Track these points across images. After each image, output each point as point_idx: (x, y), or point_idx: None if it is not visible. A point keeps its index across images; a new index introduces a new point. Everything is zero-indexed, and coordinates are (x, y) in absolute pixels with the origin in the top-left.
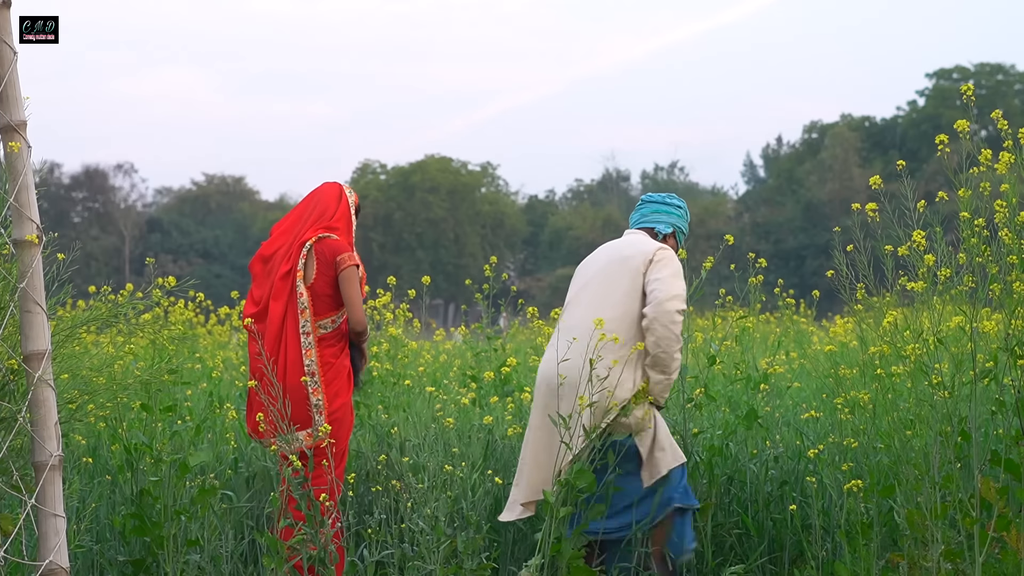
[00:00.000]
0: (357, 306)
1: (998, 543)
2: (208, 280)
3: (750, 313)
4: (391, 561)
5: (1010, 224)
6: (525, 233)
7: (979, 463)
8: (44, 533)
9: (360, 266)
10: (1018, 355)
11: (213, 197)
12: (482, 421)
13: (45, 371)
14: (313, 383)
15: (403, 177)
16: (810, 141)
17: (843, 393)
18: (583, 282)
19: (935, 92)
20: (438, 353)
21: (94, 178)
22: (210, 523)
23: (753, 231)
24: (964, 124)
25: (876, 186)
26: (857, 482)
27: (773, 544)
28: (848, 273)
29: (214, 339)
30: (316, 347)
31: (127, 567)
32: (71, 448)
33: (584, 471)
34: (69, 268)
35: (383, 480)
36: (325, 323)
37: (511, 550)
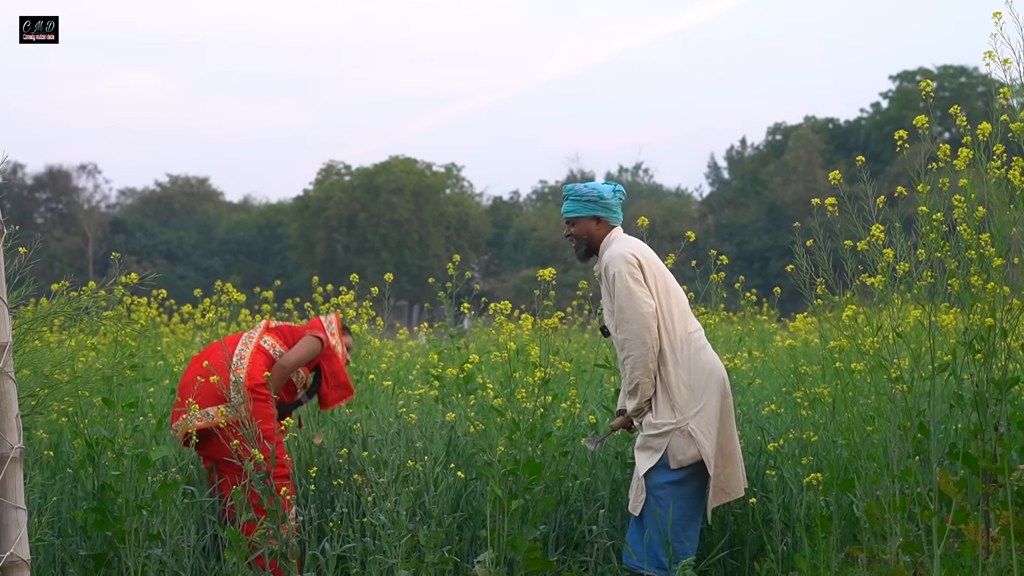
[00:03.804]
0: (296, 353)
1: (956, 536)
2: (172, 281)
3: (712, 311)
4: (353, 555)
5: (968, 220)
6: (489, 234)
7: (937, 457)
8: (5, 525)
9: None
10: (976, 350)
11: (177, 198)
12: (444, 418)
13: (6, 363)
14: (238, 363)
15: (367, 178)
16: (774, 143)
17: (803, 388)
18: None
19: (898, 94)
20: (401, 352)
21: (57, 179)
22: (172, 517)
23: (717, 232)
24: (923, 119)
25: (836, 181)
26: (817, 475)
27: (734, 538)
28: (808, 268)
29: (177, 338)
30: (253, 348)
31: (88, 561)
32: (32, 443)
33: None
34: (31, 263)
35: (345, 475)
36: (269, 340)
37: (473, 544)
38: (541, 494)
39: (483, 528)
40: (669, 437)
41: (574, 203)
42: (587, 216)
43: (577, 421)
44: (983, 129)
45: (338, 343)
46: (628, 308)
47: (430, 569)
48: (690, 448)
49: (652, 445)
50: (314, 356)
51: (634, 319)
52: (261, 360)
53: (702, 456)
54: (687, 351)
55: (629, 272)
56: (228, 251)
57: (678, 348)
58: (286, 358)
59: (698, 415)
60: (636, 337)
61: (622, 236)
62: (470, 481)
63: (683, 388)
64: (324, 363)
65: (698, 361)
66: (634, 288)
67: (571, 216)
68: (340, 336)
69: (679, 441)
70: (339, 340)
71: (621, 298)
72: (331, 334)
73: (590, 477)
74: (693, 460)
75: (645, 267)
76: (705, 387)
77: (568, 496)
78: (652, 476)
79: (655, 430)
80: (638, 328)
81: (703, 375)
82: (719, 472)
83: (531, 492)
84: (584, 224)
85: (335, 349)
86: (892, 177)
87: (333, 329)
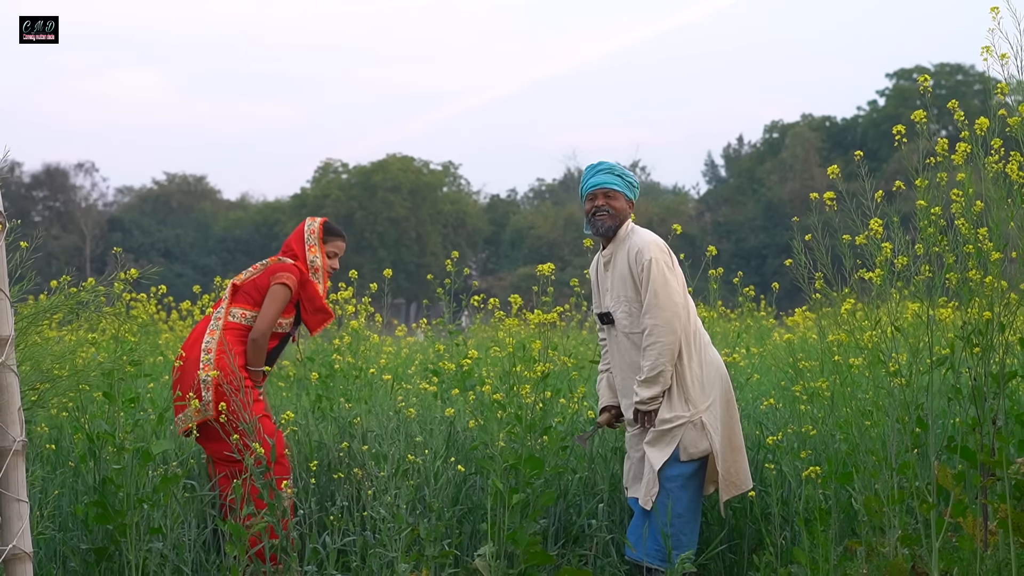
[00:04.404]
0: (265, 319)
1: (954, 529)
2: (170, 279)
3: (709, 308)
4: (353, 548)
5: (966, 214)
6: (487, 232)
7: (936, 451)
8: (7, 518)
9: (293, 287)
10: (974, 344)
11: (174, 196)
12: (443, 413)
13: (8, 356)
14: (205, 359)
15: (365, 176)
16: (771, 141)
17: (802, 382)
18: None
19: (895, 92)
20: (400, 348)
21: (55, 177)
22: (173, 511)
23: (714, 230)
24: (921, 114)
25: (834, 176)
26: (815, 469)
27: (733, 532)
28: (807, 262)
29: (176, 335)
30: (221, 331)
31: (90, 555)
32: (33, 438)
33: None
34: (32, 256)
35: (345, 468)
36: (236, 312)
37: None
38: (541, 488)
39: (483, 522)
40: (682, 430)
41: (618, 179)
42: (627, 196)
43: (577, 417)
44: (980, 124)
45: (317, 257)
46: (663, 295)
47: (430, 562)
48: (702, 441)
49: (665, 439)
50: (287, 302)
51: (667, 307)
52: (233, 339)
53: (712, 449)
54: (699, 346)
55: (664, 260)
56: (225, 249)
57: (692, 343)
58: (257, 328)
59: (709, 409)
60: (668, 324)
61: (640, 227)
62: (469, 475)
63: (696, 382)
64: (300, 291)
65: (706, 356)
66: (669, 277)
67: (614, 189)
68: (321, 247)
69: (692, 434)
70: (319, 252)
71: (657, 284)
72: (309, 247)
73: (589, 472)
74: (704, 453)
75: (673, 259)
76: (713, 381)
77: (567, 490)
78: (664, 469)
79: (668, 424)
80: (671, 316)
81: (712, 370)
82: (729, 465)
83: (531, 486)
84: (622, 201)
85: (307, 275)
86: (889, 175)
87: (312, 241)
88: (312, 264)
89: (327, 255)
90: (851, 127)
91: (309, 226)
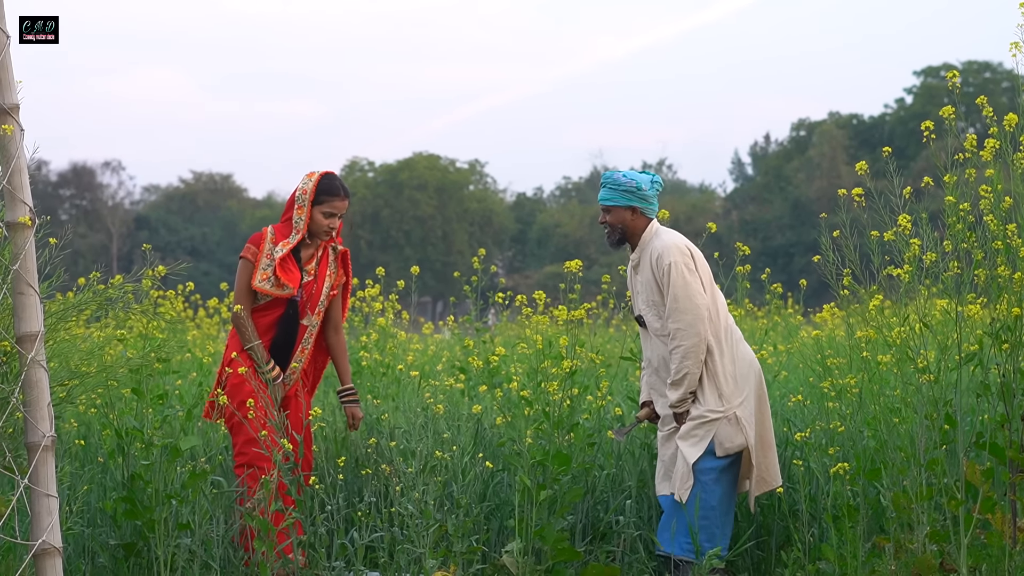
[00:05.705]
0: (235, 293)
1: (983, 526)
2: (196, 277)
3: (736, 305)
4: (381, 544)
5: (995, 210)
6: (513, 230)
7: (964, 447)
8: (37, 513)
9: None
10: (1003, 340)
11: (201, 195)
12: (471, 410)
13: (38, 352)
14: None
15: (391, 175)
16: (798, 139)
17: (830, 379)
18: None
19: (923, 90)
20: (427, 345)
21: (82, 175)
22: (201, 507)
23: (741, 228)
24: (950, 109)
25: (862, 172)
26: (844, 465)
27: (760, 528)
28: (835, 258)
29: (203, 332)
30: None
31: (118, 551)
32: (62, 434)
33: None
34: (60, 254)
35: (373, 464)
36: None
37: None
38: (568, 484)
39: (511, 518)
40: (716, 425)
41: (611, 191)
42: (623, 206)
43: (603, 413)
44: (1009, 120)
45: (302, 219)
46: (684, 298)
47: (458, 558)
48: (737, 436)
49: (699, 433)
50: (249, 272)
51: (689, 309)
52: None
53: (748, 444)
54: (730, 341)
55: (685, 263)
56: None
57: (723, 339)
58: (234, 313)
59: (743, 404)
60: (690, 327)
61: (665, 228)
62: (497, 472)
63: (729, 378)
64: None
65: (739, 352)
66: (690, 279)
67: (607, 204)
68: (310, 208)
69: (726, 429)
70: (305, 213)
71: (677, 288)
72: (297, 208)
73: (616, 468)
74: (739, 448)
75: (696, 259)
76: (747, 377)
77: (595, 487)
78: (698, 462)
79: (703, 419)
80: (693, 319)
81: (744, 365)
82: (760, 461)
83: (559, 483)
84: (619, 213)
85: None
86: (917, 173)
87: (302, 202)
88: (296, 226)
89: (324, 215)
90: (879, 125)
91: (303, 185)
